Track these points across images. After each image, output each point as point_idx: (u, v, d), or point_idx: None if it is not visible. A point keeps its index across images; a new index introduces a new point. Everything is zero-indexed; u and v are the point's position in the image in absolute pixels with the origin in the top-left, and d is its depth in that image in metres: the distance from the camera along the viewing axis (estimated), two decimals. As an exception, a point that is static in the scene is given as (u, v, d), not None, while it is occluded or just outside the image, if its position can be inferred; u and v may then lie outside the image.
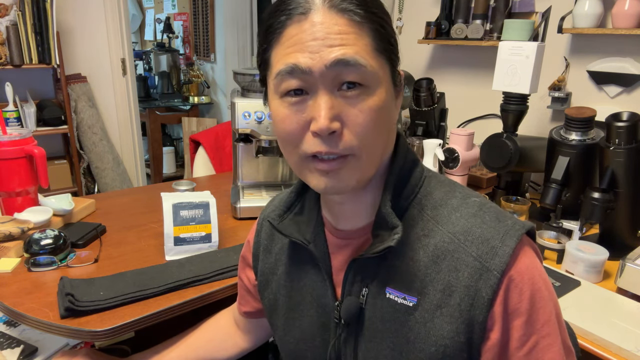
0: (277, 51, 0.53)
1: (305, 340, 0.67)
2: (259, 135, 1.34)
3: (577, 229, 1.28)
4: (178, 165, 4.26)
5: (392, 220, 0.55)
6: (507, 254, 0.51)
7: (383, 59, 0.53)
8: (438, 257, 0.54)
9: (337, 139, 0.51)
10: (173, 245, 1.11)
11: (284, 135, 0.54)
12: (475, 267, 0.52)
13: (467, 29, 1.87)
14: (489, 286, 0.51)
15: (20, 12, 2.30)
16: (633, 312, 0.96)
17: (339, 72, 0.49)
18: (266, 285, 0.74)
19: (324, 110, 0.49)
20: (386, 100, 0.53)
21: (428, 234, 0.56)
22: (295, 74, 0.50)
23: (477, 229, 0.54)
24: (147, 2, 4.88)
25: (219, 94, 4.12)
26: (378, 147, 0.54)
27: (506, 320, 0.52)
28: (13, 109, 2.40)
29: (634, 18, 1.46)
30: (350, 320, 0.60)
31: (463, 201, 0.58)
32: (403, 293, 0.56)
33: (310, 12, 0.50)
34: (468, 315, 0.52)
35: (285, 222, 0.66)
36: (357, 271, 0.60)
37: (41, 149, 1.21)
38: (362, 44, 0.50)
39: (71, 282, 0.95)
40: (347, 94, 0.50)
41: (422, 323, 0.55)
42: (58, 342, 1.14)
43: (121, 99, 2.88)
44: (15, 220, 1.14)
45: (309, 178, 0.55)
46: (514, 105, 1.48)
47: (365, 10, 0.51)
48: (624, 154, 1.15)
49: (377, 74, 0.51)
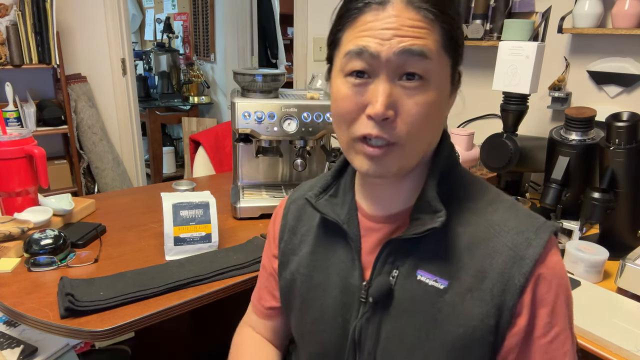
0: (349, 33, 0.56)
1: (324, 320, 0.68)
2: (259, 135, 1.34)
3: (577, 229, 1.28)
4: (178, 165, 4.26)
5: (436, 205, 0.58)
6: (540, 245, 0.55)
7: (448, 57, 0.56)
8: (472, 245, 0.58)
9: (389, 126, 0.54)
10: (173, 245, 1.11)
11: (341, 113, 0.57)
12: (509, 255, 0.56)
13: (467, 29, 1.87)
14: (522, 274, 0.54)
15: (20, 12, 2.30)
16: (633, 312, 0.96)
17: (404, 61, 0.53)
18: (285, 266, 0.75)
19: (381, 97, 0.53)
20: (441, 96, 0.56)
21: (464, 223, 0.60)
22: (363, 56, 0.54)
23: (512, 221, 0.58)
24: (147, 2, 4.88)
25: (219, 94, 4.12)
26: (424, 140, 0.57)
27: (533, 307, 0.55)
28: (13, 109, 2.40)
29: (634, 18, 1.46)
30: (380, 299, 0.62)
31: (497, 197, 0.62)
32: (435, 276, 0.59)
33: (388, 4, 0.53)
34: (499, 300, 0.55)
35: (321, 201, 0.69)
36: (390, 252, 0.62)
37: (41, 149, 1.21)
38: (433, 40, 0.54)
39: (71, 282, 0.95)
40: (407, 84, 0.53)
41: (452, 305, 0.57)
42: (58, 342, 1.14)
43: (121, 99, 2.88)
44: (15, 220, 1.14)
45: (354, 158, 0.59)
46: (514, 105, 1.48)
47: (439, 9, 0.54)
48: (624, 154, 1.15)
49: (439, 70, 0.55)
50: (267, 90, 1.40)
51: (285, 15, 4.17)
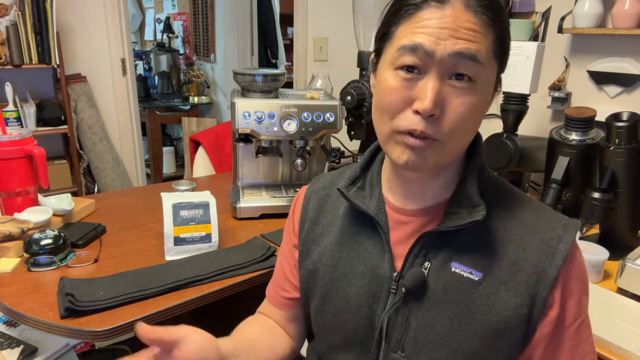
0: (404, 27, 0.56)
1: (348, 310, 0.68)
2: (259, 135, 1.34)
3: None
4: (178, 165, 4.26)
5: (476, 199, 0.61)
6: (570, 241, 0.60)
7: (496, 62, 0.58)
8: (506, 239, 0.61)
9: (433, 122, 0.55)
10: (173, 245, 1.11)
11: (387, 105, 0.58)
12: (542, 249, 0.60)
13: (467, 29, 1.87)
14: (555, 266, 0.59)
15: (20, 12, 2.30)
16: (633, 312, 0.96)
17: (456, 62, 0.54)
18: (306, 256, 0.75)
19: (431, 93, 0.54)
20: (485, 99, 0.59)
21: (497, 218, 0.63)
22: (417, 52, 0.54)
23: (542, 218, 0.63)
24: (147, 2, 4.88)
25: (219, 94, 4.12)
26: (464, 139, 0.60)
27: (564, 299, 0.60)
28: (13, 109, 2.40)
29: (634, 18, 1.46)
30: (413, 289, 0.63)
31: (524, 197, 0.66)
32: (470, 268, 0.61)
33: (447, 3, 0.54)
34: (533, 290, 0.59)
35: (351, 192, 0.70)
36: (424, 245, 0.64)
37: (41, 149, 1.21)
38: (486, 45, 0.55)
39: (71, 282, 0.95)
40: (456, 84, 0.55)
41: (486, 296, 0.60)
42: (58, 342, 1.14)
43: (121, 99, 2.88)
44: (15, 220, 1.14)
45: (393, 149, 0.60)
46: (514, 105, 1.48)
47: (495, 15, 0.56)
48: (624, 154, 1.15)
49: (486, 74, 0.57)
50: (267, 90, 1.40)
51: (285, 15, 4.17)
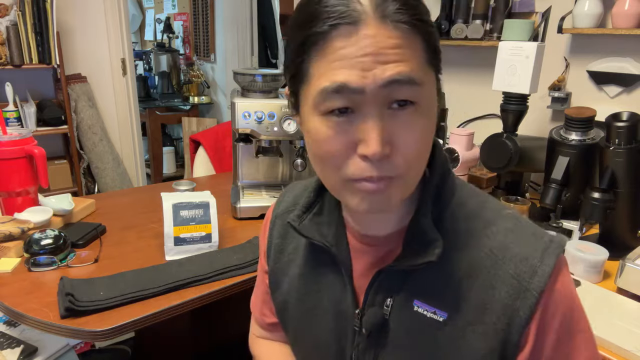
0: (319, 64, 0.47)
1: (320, 348, 0.64)
2: (259, 135, 1.34)
3: (577, 229, 1.28)
4: (178, 165, 4.26)
5: (432, 235, 0.53)
6: (546, 273, 0.50)
7: (431, 72, 0.49)
8: (473, 272, 0.53)
9: (387, 162, 0.47)
10: (173, 245, 1.11)
11: (327, 156, 0.49)
12: (513, 285, 0.51)
13: (467, 29, 1.87)
14: (527, 306, 0.50)
15: (20, 12, 2.30)
16: (633, 312, 0.96)
17: (392, 90, 0.45)
18: (277, 286, 0.71)
19: (376, 134, 0.45)
20: (433, 115, 0.50)
21: (462, 247, 0.54)
22: (343, 92, 0.45)
23: (515, 246, 0.52)
24: (147, 2, 4.88)
25: (219, 94, 4.12)
26: (423, 165, 0.52)
27: (538, 337, 0.51)
28: (13, 109, 2.40)
29: (634, 18, 1.46)
30: (374, 330, 0.57)
31: (498, 214, 0.55)
32: (433, 307, 0.54)
33: (360, 22, 0.44)
34: (503, 334, 0.51)
35: (305, 222, 0.62)
36: (382, 281, 0.57)
37: (41, 149, 1.21)
38: (417, 59, 0.46)
39: (71, 282, 0.95)
40: (399, 113, 0.46)
41: (453, 339, 0.53)
42: (58, 342, 1.14)
43: (121, 99, 2.88)
44: (15, 220, 1.14)
45: (349, 199, 0.51)
46: (514, 105, 1.48)
47: (419, 21, 0.46)
48: (624, 154, 1.15)
49: (428, 90, 0.48)
50: (267, 90, 1.40)
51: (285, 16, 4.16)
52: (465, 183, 0.60)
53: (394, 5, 0.45)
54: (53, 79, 2.66)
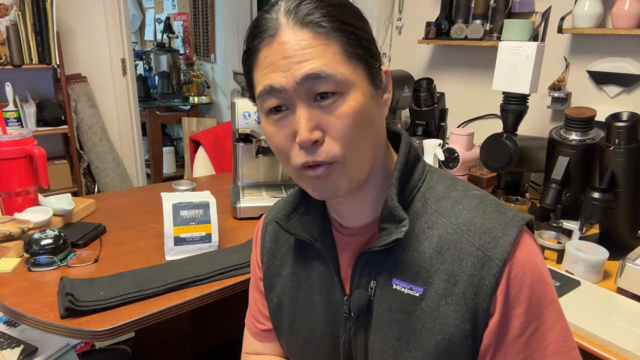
0: (256, 73, 0.56)
1: (314, 340, 0.68)
2: (259, 135, 1.34)
3: (577, 229, 1.28)
4: (178, 165, 4.26)
5: (399, 214, 0.57)
6: (508, 243, 0.54)
7: (355, 63, 0.54)
8: (442, 248, 0.57)
9: (321, 148, 0.54)
10: (173, 245, 1.11)
11: (275, 150, 0.58)
12: (478, 256, 0.54)
13: (467, 29, 1.87)
14: (492, 274, 0.53)
15: (20, 12, 2.30)
16: (633, 312, 0.96)
17: (311, 85, 0.52)
18: (271, 289, 0.74)
19: (303, 123, 0.53)
20: (364, 102, 0.54)
21: (432, 226, 0.58)
22: (273, 93, 0.53)
23: (479, 219, 0.56)
24: (147, 2, 4.88)
25: (219, 94, 4.12)
26: (364, 149, 0.56)
27: (507, 307, 0.54)
28: (13, 109, 2.40)
29: (634, 18, 1.46)
30: (360, 312, 0.61)
31: (465, 194, 0.60)
32: (409, 284, 0.58)
33: (278, 32, 0.53)
34: (472, 304, 0.54)
35: (291, 222, 0.68)
36: (364, 264, 0.61)
37: (41, 149, 1.21)
38: (330, 54, 0.52)
39: (71, 282, 0.95)
40: (322, 103, 0.53)
41: (429, 312, 0.57)
42: (58, 342, 1.14)
43: (121, 99, 2.88)
44: (15, 220, 1.14)
45: (305, 186, 0.59)
46: (514, 105, 1.48)
47: (331, 19, 0.52)
48: (624, 154, 1.15)
49: (348, 80, 0.53)
50: (267, 90, 1.40)
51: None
52: (437, 169, 0.65)
53: (302, 12, 0.52)
54: (53, 79, 2.66)
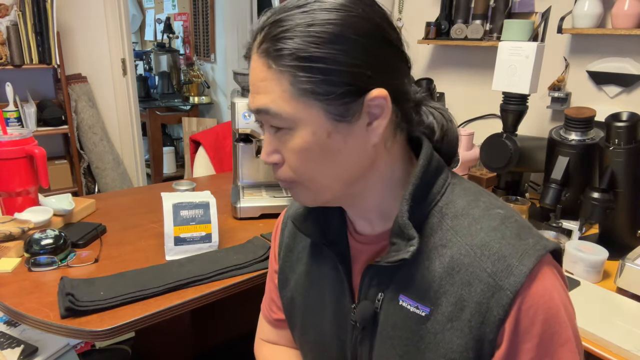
0: None
1: (323, 342, 0.68)
2: (259, 135, 1.34)
3: (577, 229, 1.28)
4: (178, 165, 4.26)
5: (408, 232, 0.54)
6: (523, 274, 0.49)
7: (307, 101, 0.50)
8: (453, 269, 0.53)
9: (280, 170, 0.57)
10: (173, 245, 1.11)
11: None
12: (489, 283, 0.51)
13: (467, 29, 1.87)
14: (501, 305, 0.50)
15: (21, 12, 2.30)
16: (633, 312, 0.96)
17: (262, 117, 0.54)
18: (285, 284, 0.74)
19: (264, 146, 0.57)
20: (312, 140, 0.52)
21: (446, 244, 0.55)
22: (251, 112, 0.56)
23: (496, 244, 0.52)
24: (147, 2, 4.88)
25: (219, 94, 4.12)
26: (322, 179, 0.55)
27: (515, 340, 0.50)
28: (13, 109, 2.40)
29: (634, 18, 1.46)
30: (365, 324, 0.60)
31: (486, 212, 0.55)
32: (416, 302, 0.56)
33: (251, 56, 0.54)
34: (478, 332, 0.51)
35: (308, 222, 0.66)
36: (373, 276, 0.60)
37: (41, 149, 1.21)
38: (280, 91, 0.51)
39: (71, 282, 0.95)
40: (277, 134, 0.54)
41: (433, 334, 0.54)
42: (58, 342, 1.14)
43: (121, 99, 2.88)
44: (16, 220, 1.14)
45: None
46: (514, 105, 1.48)
47: (288, 54, 0.49)
48: (624, 154, 1.15)
49: (296, 118, 0.51)
50: (267, 91, 1.40)
51: (285, 15, 4.17)
52: (463, 181, 0.61)
53: (266, 37, 0.51)
54: (53, 79, 2.66)
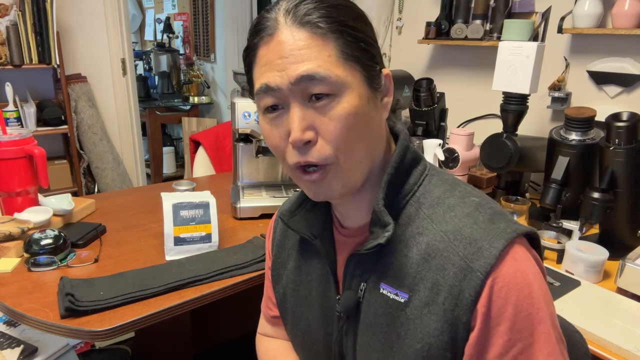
0: (255, 71, 0.56)
1: (311, 334, 0.70)
2: (259, 135, 1.34)
3: (577, 229, 1.28)
4: (178, 165, 4.26)
5: (384, 219, 0.56)
6: (493, 255, 0.51)
7: (352, 65, 0.53)
8: (429, 255, 0.55)
9: (313, 149, 0.53)
10: (173, 245, 1.11)
11: (271, 148, 0.59)
12: (460, 266, 0.52)
13: (467, 29, 1.87)
14: (472, 287, 0.51)
15: (20, 12, 2.30)
16: (633, 312, 0.96)
17: (305, 86, 0.52)
18: (277, 280, 0.76)
19: (296, 122, 0.53)
20: (359, 104, 0.53)
21: (422, 232, 0.57)
22: (269, 92, 0.54)
23: (468, 228, 0.54)
24: (147, 2, 4.88)
25: (219, 94, 4.12)
26: (358, 152, 0.55)
27: (488, 323, 0.51)
28: (13, 109, 2.40)
29: (634, 18, 1.46)
30: (349, 313, 0.62)
31: (461, 200, 0.58)
32: (395, 289, 0.58)
33: (276, 31, 0.53)
34: (452, 315, 0.53)
35: (295, 218, 0.68)
36: (356, 266, 0.62)
37: (41, 149, 1.21)
38: (325, 56, 0.52)
39: (71, 282, 0.95)
40: (317, 104, 0.53)
41: (412, 319, 0.56)
42: (58, 342, 1.14)
43: (121, 99, 2.88)
44: (15, 220, 1.14)
45: (302, 187, 0.60)
46: (514, 105, 1.48)
47: (329, 20, 0.52)
48: (624, 154, 1.15)
49: (344, 82, 0.52)
50: (267, 90, 1.40)
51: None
52: (441, 172, 0.63)
53: (300, 12, 0.52)
54: (53, 79, 2.66)
